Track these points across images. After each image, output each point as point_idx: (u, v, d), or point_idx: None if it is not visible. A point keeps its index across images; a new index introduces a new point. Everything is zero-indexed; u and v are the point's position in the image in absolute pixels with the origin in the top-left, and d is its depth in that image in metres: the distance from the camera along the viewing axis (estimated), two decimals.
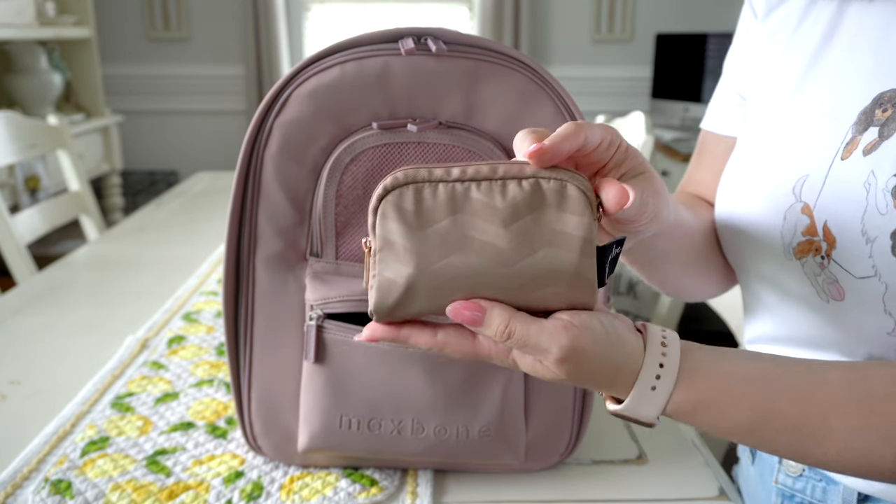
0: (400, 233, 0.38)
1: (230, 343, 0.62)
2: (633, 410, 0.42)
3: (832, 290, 0.50)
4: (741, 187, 0.58)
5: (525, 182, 0.38)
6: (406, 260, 0.38)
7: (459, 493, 0.62)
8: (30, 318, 0.99)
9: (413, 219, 0.38)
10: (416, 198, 0.38)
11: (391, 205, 0.38)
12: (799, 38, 0.56)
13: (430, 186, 0.38)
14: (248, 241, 0.60)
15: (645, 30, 3.31)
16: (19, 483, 0.61)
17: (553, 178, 0.38)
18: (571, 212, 0.38)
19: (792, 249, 0.52)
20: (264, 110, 0.57)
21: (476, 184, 0.38)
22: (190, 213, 1.58)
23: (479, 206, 0.38)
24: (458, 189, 0.38)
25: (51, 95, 2.73)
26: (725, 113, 0.66)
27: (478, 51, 0.57)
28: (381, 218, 0.38)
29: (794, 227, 0.52)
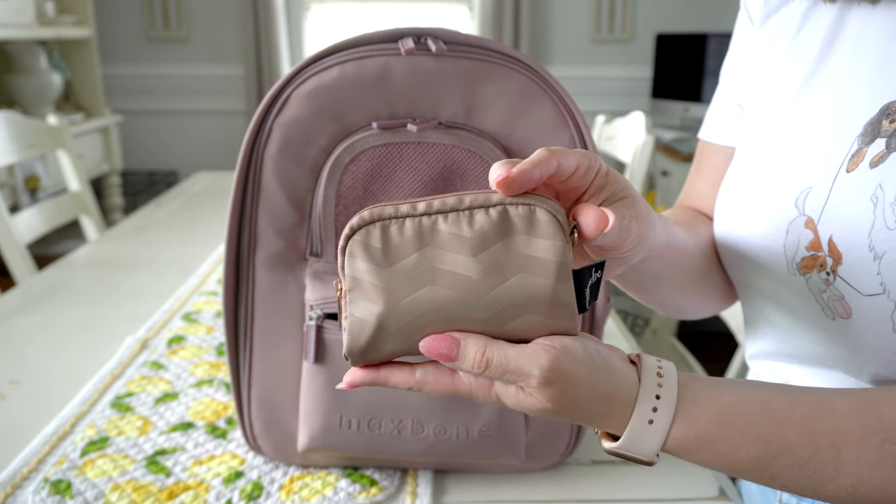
0: (368, 271, 0.37)
1: (230, 343, 0.62)
2: (629, 447, 0.39)
3: (838, 308, 0.49)
4: (741, 200, 0.56)
5: (492, 210, 0.37)
6: (375, 298, 0.37)
7: (459, 493, 0.62)
8: (30, 318, 0.99)
9: (381, 256, 0.37)
10: (384, 235, 0.38)
11: (358, 244, 0.38)
12: (799, 45, 0.55)
13: (397, 223, 0.38)
14: (248, 241, 0.60)
15: (645, 30, 3.30)
16: (19, 483, 0.61)
17: (521, 204, 0.37)
18: (542, 236, 0.37)
19: (795, 265, 0.50)
20: (264, 110, 0.57)
21: (443, 216, 0.37)
22: (190, 213, 1.58)
23: (447, 238, 0.37)
24: (425, 223, 0.38)
25: (51, 95, 2.73)
26: (723, 123, 0.64)
27: (478, 51, 0.57)
28: (349, 258, 0.38)
29: (798, 242, 0.50)
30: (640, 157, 1.46)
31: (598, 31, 3.30)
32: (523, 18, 3.19)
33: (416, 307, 0.37)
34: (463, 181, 0.59)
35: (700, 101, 3.04)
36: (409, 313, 0.37)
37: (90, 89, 2.99)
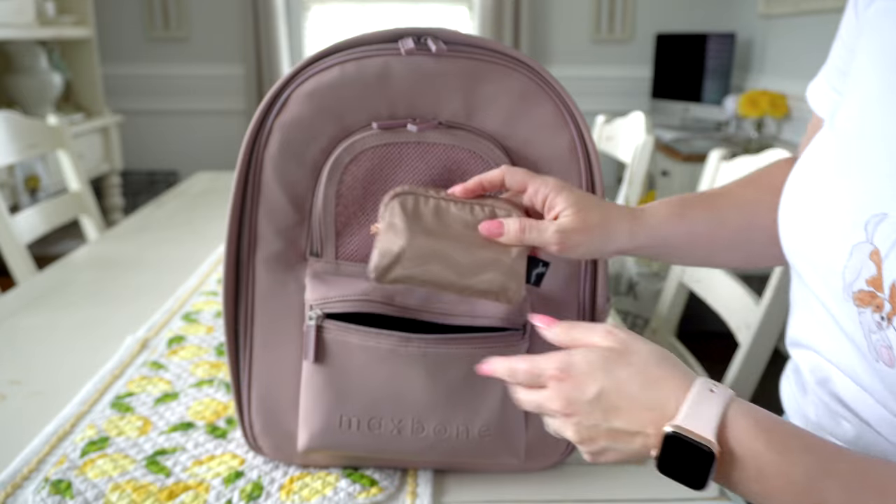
0: (401, 218, 0.53)
1: (230, 343, 0.62)
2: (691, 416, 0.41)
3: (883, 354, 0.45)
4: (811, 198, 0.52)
5: (486, 207, 0.55)
6: (401, 236, 0.53)
7: (459, 493, 0.62)
8: (30, 318, 0.99)
9: (411, 213, 0.53)
10: (415, 202, 0.54)
11: (397, 201, 0.54)
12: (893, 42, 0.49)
13: (424, 198, 0.54)
14: (248, 241, 0.60)
15: (645, 30, 3.30)
16: (19, 483, 0.61)
17: (500, 208, 0.55)
18: None
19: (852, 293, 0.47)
20: (264, 110, 0.57)
21: (454, 203, 0.55)
22: (190, 213, 1.58)
23: (453, 217, 0.54)
24: (442, 204, 0.55)
25: (51, 95, 2.73)
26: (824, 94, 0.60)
27: (478, 51, 0.57)
28: (390, 209, 0.54)
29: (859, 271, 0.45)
30: (640, 157, 1.46)
31: (598, 31, 3.30)
32: (523, 18, 3.19)
33: (422, 249, 0.53)
34: (463, 181, 0.59)
35: (700, 101, 3.04)
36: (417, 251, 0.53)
37: (90, 89, 2.99)
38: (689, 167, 2.54)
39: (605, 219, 0.55)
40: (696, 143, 2.69)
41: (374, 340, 0.57)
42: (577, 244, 0.54)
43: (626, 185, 1.47)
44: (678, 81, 3.11)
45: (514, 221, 0.54)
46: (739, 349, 0.98)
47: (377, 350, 0.57)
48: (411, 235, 0.52)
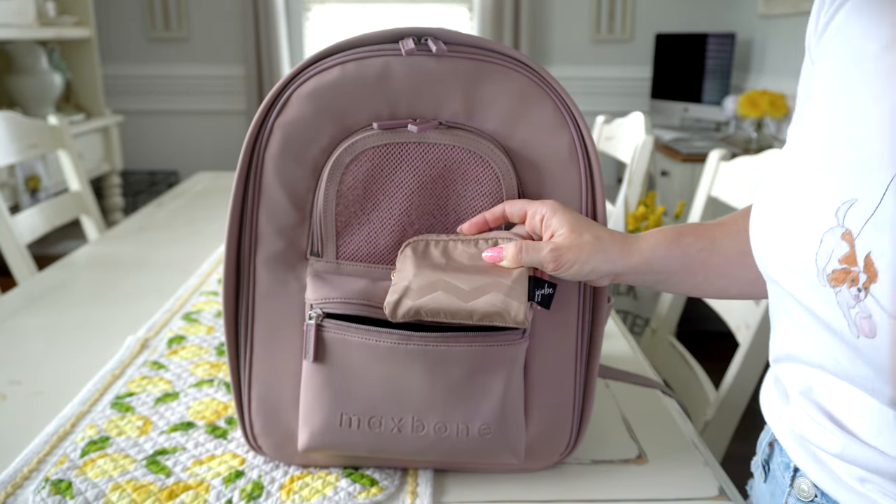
0: (411, 260, 0.58)
1: (230, 343, 0.62)
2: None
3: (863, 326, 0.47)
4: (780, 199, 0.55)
5: (489, 240, 0.59)
6: (409, 272, 0.57)
7: (459, 493, 0.62)
8: (30, 318, 0.99)
9: (420, 254, 0.59)
10: (425, 246, 0.60)
11: (410, 248, 0.59)
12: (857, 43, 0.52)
13: (434, 242, 0.60)
14: (248, 240, 0.60)
15: (645, 30, 3.31)
16: (20, 483, 0.61)
17: (503, 239, 0.59)
18: None
19: (826, 276, 0.49)
20: (265, 110, 0.58)
21: (461, 242, 0.60)
22: (190, 213, 1.58)
23: (460, 253, 0.60)
24: (450, 244, 0.60)
25: (51, 95, 2.73)
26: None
27: (478, 51, 0.57)
28: (402, 255, 0.59)
29: (831, 253, 0.49)
30: (639, 157, 1.47)
31: (597, 31, 3.30)
32: (523, 18, 3.19)
33: (427, 280, 0.57)
34: (463, 181, 0.59)
35: (700, 102, 3.04)
36: (423, 282, 0.57)
37: (90, 89, 2.99)
38: (688, 167, 2.54)
39: (597, 238, 0.58)
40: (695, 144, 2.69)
41: (374, 339, 0.57)
42: (570, 262, 0.57)
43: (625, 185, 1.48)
44: (678, 82, 3.11)
45: (512, 245, 0.57)
46: (739, 349, 0.98)
47: (377, 349, 0.57)
48: (418, 270, 0.57)
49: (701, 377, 1.06)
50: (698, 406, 1.04)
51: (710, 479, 0.64)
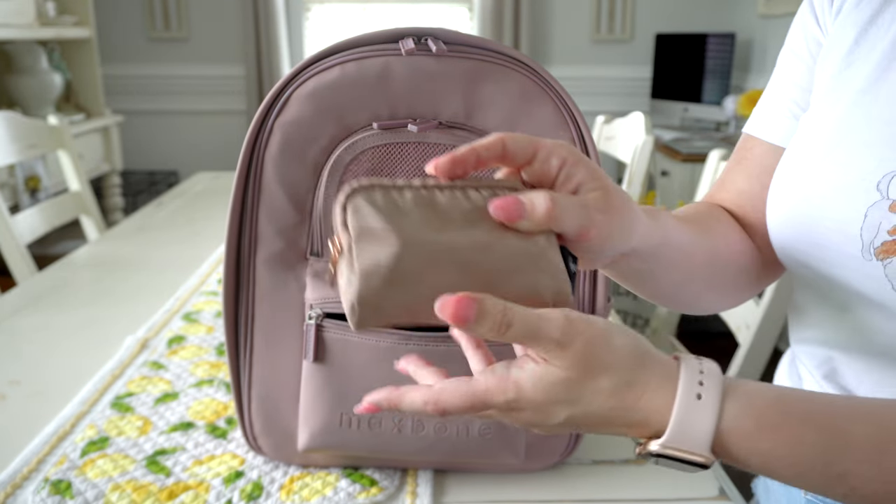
0: (377, 218, 0.36)
1: (230, 343, 0.62)
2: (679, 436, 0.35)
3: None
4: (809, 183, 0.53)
5: (484, 191, 0.39)
6: (388, 240, 0.36)
7: (459, 493, 0.62)
8: (30, 318, 0.99)
9: (387, 207, 0.37)
10: (385, 197, 0.37)
11: (362, 198, 0.37)
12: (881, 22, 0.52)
13: (396, 190, 0.38)
14: (248, 240, 0.60)
15: (645, 30, 3.30)
16: (19, 483, 0.61)
17: (507, 188, 0.39)
18: None
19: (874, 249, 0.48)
20: (265, 110, 0.57)
21: (439, 189, 0.38)
22: (190, 213, 1.58)
23: (445, 208, 0.38)
24: (423, 193, 0.38)
25: (51, 95, 2.73)
26: (776, 120, 0.61)
27: (478, 51, 0.57)
28: (353, 212, 0.37)
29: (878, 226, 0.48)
30: (639, 157, 1.47)
31: (598, 31, 3.30)
32: (523, 18, 3.19)
33: (430, 246, 0.36)
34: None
35: (700, 102, 3.04)
36: (425, 251, 0.36)
37: (90, 89, 2.99)
38: (688, 167, 2.54)
39: (628, 204, 0.43)
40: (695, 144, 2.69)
41: (373, 339, 0.57)
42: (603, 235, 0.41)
43: (625, 186, 1.48)
44: (678, 81, 3.11)
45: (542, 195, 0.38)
46: (739, 349, 0.98)
47: (377, 348, 0.57)
48: (403, 230, 0.36)
49: None
50: None
51: (710, 479, 0.64)
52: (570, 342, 0.36)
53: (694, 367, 0.37)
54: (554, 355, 0.36)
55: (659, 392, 0.36)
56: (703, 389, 0.36)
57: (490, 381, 0.38)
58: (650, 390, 0.36)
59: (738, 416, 0.36)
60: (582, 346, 0.36)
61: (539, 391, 0.37)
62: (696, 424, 0.35)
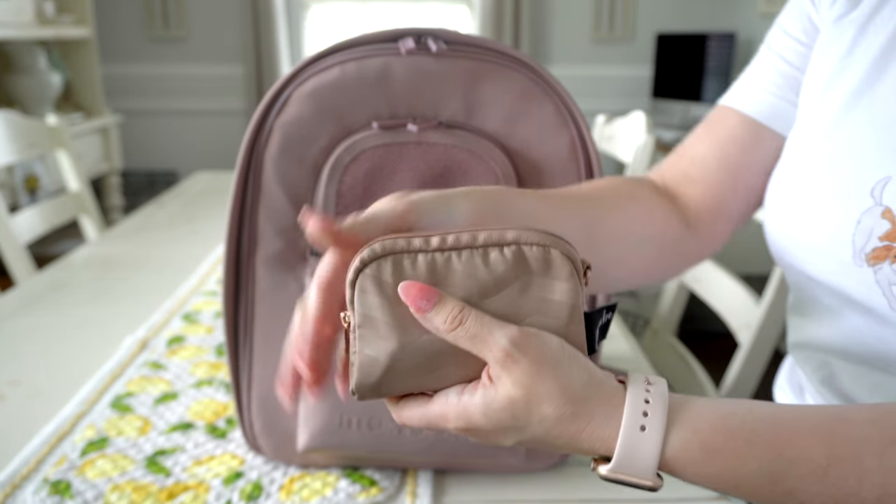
0: (380, 307, 0.37)
1: (230, 343, 0.62)
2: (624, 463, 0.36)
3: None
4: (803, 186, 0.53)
5: (507, 249, 0.37)
6: (387, 336, 0.37)
7: (459, 493, 0.62)
8: (29, 318, 0.99)
9: (393, 292, 0.37)
10: (395, 270, 0.37)
11: (369, 278, 0.37)
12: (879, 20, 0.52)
13: (409, 257, 0.37)
14: (248, 240, 0.60)
15: (645, 29, 3.30)
16: (18, 483, 0.61)
17: (536, 244, 0.37)
18: (557, 278, 0.37)
19: (865, 255, 0.48)
20: (264, 110, 0.57)
21: (457, 253, 0.37)
22: (190, 213, 1.58)
23: (462, 277, 0.37)
24: (439, 259, 0.37)
25: (50, 95, 2.73)
26: (755, 94, 0.60)
27: (478, 51, 0.57)
28: (359, 293, 0.37)
29: (871, 232, 0.48)
30: (640, 157, 1.46)
31: (598, 30, 3.30)
32: (523, 18, 3.19)
33: (430, 347, 0.37)
34: (463, 181, 0.59)
35: (700, 101, 3.04)
36: (423, 353, 0.37)
37: (90, 89, 2.99)
38: None
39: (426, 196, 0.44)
40: None
41: None
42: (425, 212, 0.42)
43: None
44: (678, 81, 3.11)
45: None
46: (739, 349, 0.98)
47: None
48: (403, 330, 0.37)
49: (701, 377, 1.06)
50: None
51: None
52: (519, 357, 0.36)
53: (639, 396, 0.37)
54: (503, 367, 0.36)
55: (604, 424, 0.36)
56: (647, 420, 0.36)
57: (443, 408, 0.38)
58: (594, 422, 0.36)
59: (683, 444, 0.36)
60: (528, 365, 0.36)
61: (487, 419, 0.37)
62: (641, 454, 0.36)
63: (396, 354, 0.37)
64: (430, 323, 0.37)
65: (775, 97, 0.59)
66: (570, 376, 0.37)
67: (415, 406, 0.39)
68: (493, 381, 0.37)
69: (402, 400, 0.40)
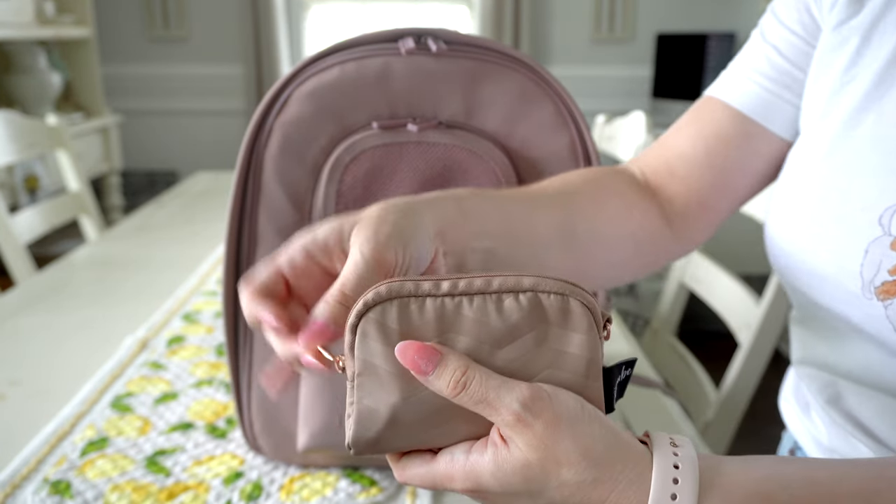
0: (384, 355, 0.34)
1: (230, 343, 0.62)
2: None
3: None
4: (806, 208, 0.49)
5: (522, 297, 0.34)
6: (390, 387, 0.34)
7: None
8: (30, 318, 0.99)
9: (398, 339, 0.34)
10: (401, 315, 0.34)
11: (373, 323, 0.34)
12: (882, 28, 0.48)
13: (417, 302, 0.34)
14: (248, 240, 0.60)
15: (645, 29, 3.30)
16: (18, 483, 0.61)
17: (554, 293, 0.34)
18: (575, 329, 0.34)
19: (874, 289, 0.44)
20: (264, 110, 0.57)
21: (468, 298, 0.34)
22: (190, 213, 1.58)
23: (472, 326, 0.34)
24: (448, 305, 0.34)
25: (50, 95, 2.73)
26: (741, 84, 0.56)
27: (478, 51, 0.57)
28: (361, 337, 0.34)
29: (879, 264, 0.44)
30: None
31: (598, 30, 3.30)
32: (523, 18, 3.18)
33: (435, 399, 0.34)
34: (463, 181, 0.59)
35: None
36: (428, 405, 0.34)
37: (90, 89, 2.99)
38: None
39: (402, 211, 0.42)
40: None
41: None
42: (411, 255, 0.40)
43: None
44: (678, 81, 3.11)
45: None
46: (739, 349, 0.98)
47: None
48: (407, 381, 0.34)
49: (701, 377, 1.06)
50: (698, 406, 1.03)
51: None
52: (532, 420, 0.33)
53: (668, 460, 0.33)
54: (514, 431, 0.33)
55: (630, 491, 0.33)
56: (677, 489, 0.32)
57: (449, 468, 0.35)
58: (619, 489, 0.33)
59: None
60: (542, 429, 0.33)
61: (498, 482, 0.34)
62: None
63: (398, 407, 0.34)
64: (432, 386, 0.34)
65: (766, 91, 0.55)
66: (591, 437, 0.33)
67: (418, 464, 0.36)
68: (505, 442, 0.34)
69: (405, 457, 0.37)
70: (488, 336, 0.34)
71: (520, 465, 0.33)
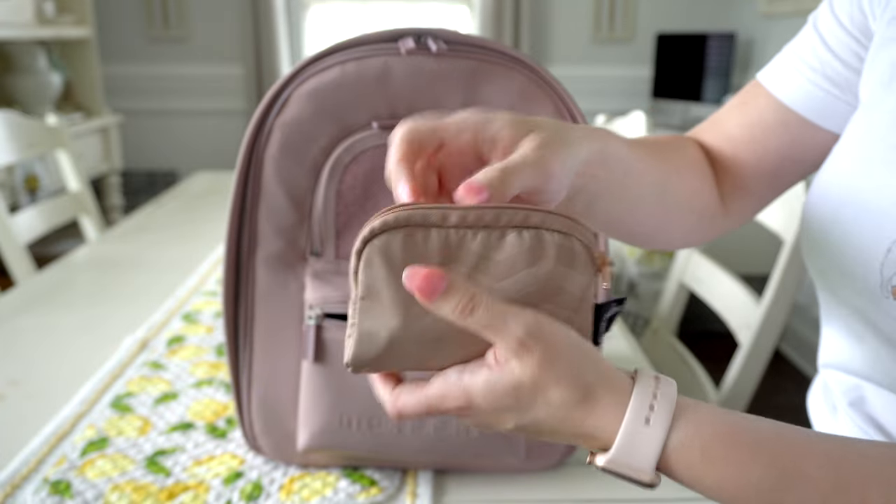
0: (387, 281, 0.35)
1: (230, 343, 0.62)
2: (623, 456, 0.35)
3: None
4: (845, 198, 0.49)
5: (526, 233, 0.35)
6: (391, 312, 0.35)
7: (459, 493, 0.62)
8: (29, 318, 0.99)
9: (401, 266, 0.35)
10: (405, 244, 0.35)
11: (377, 250, 0.35)
12: None
13: (423, 232, 0.35)
14: (248, 240, 0.60)
15: (645, 29, 3.30)
16: (18, 483, 0.61)
17: (558, 231, 0.35)
18: (572, 268, 0.36)
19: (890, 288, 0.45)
20: (264, 110, 0.57)
21: (472, 232, 0.35)
22: (190, 213, 1.58)
23: (474, 258, 0.35)
24: (453, 237, 0.35)
25: (50, 95, 2.73)
26: (789, 77, 0.57)
27: (478, 51, 0.57)
28: (365, 264, 0.35)
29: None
30: None
31: (598, 30, 3.30)
32: (523, 18, 3.18)
33: (435, 329, 0.36)
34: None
35: (700, 101, 3.04)
36: (427, 334, 0.36)
37: (90, 89, 2.99)
38: None
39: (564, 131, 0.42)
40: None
41: None
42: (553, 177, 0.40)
43: None
44: (678, 81, 3.11)
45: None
46: (739, 349, 0.98)
47: None
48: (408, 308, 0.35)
49: (701, 377, 1.06)
50: None
51: None
52: (532, 345, 0.35)
53: (647, 389, 0.36)
54: (513, 354, 0.35)
55: (608, 411, 0.36)
56: (652, 414, 0.35)
57: (443, 388, 0.37)
58: (600, 408, 0.36)
59: (684, 445, 0.35)
60: (541, 353, 0.35)
61: (488, 400, 0.36)
62: (641, 448, 0.35)
63: (398, 332, 0.35)
64: (437, 310, 0.35)
65: (810, 83, 0.56)
66: (581, 365, 0.36)
67: (411, 391, 0.38)
68: (499, 364, 0.36)
69: (397, 388, 0.39)
70: (488, 269, 0.35)
71: (511, 386, 0.35)
